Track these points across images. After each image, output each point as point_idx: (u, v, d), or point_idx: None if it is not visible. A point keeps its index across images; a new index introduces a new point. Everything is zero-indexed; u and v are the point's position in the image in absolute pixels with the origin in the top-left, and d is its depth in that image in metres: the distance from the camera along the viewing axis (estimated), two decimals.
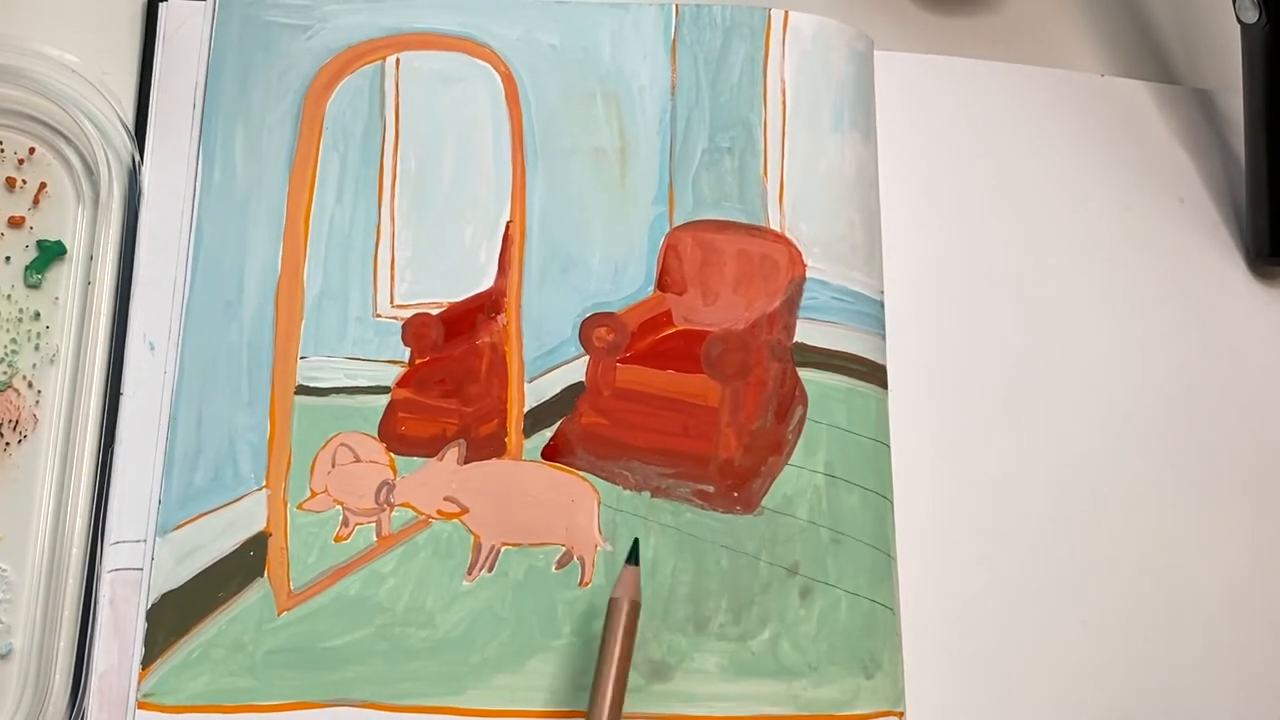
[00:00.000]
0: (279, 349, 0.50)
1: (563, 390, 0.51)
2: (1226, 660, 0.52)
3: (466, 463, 0.50)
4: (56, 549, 0.47)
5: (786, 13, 0.56)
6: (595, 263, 0.52)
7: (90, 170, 0.51)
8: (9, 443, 0.48)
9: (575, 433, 0.51)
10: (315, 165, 0.52)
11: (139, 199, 0.51)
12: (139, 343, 0.50)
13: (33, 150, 0.52)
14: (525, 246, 0.52)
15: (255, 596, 0.47)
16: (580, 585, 0.49)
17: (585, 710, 0.44)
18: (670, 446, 0.51)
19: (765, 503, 0.50)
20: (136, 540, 0.48)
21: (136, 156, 0.51)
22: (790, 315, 0.52)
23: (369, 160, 0.53)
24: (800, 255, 0.53)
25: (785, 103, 0.55)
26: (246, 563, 0.48)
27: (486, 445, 0.50)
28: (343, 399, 0.50)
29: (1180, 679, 0.51)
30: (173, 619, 0.47)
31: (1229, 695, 0.52)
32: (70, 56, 0.52)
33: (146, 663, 0.46)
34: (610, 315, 0.52)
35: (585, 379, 0.51)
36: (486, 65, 0.54)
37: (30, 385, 0.49)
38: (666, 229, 0.53)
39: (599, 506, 0.50)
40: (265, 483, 0.49)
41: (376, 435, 0.50)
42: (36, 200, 0.51)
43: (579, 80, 0.55)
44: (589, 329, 0.52)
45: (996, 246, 0.57)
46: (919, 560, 0.51)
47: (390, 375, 0.51)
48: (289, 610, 0.47)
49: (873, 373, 0.52)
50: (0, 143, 0.52)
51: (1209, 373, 0.56)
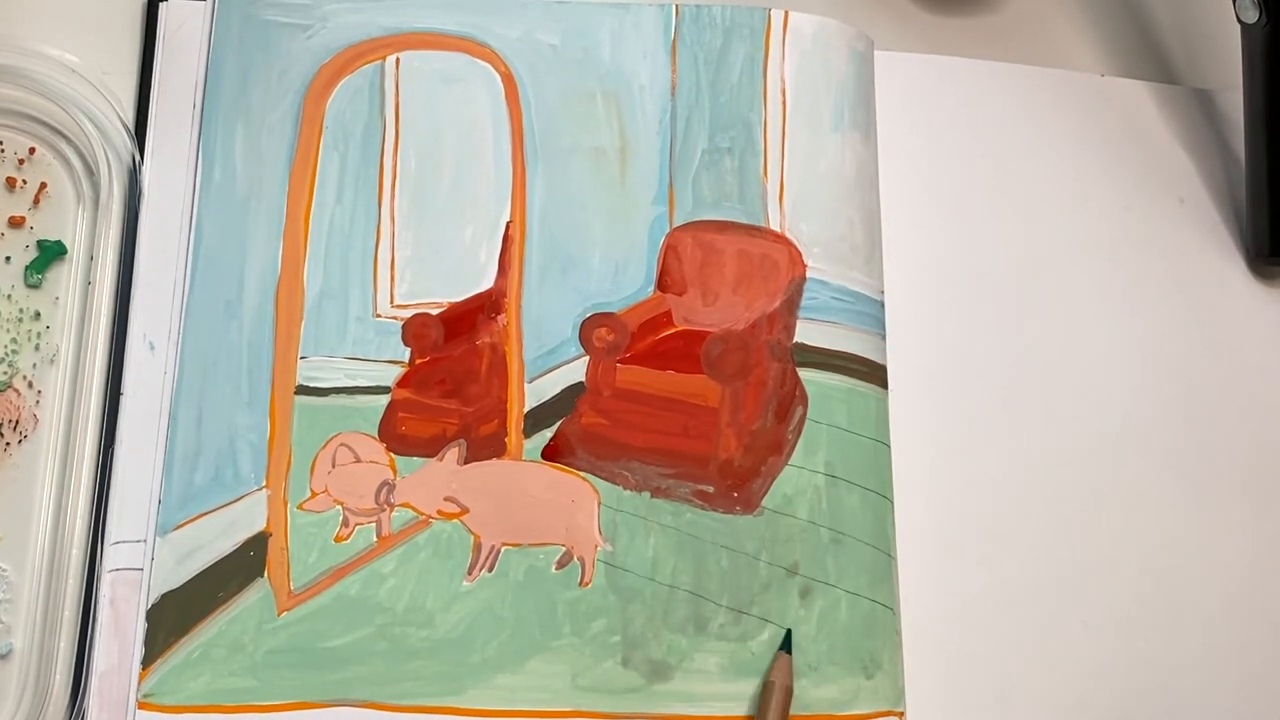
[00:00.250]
0: (279, 349, 0.50)
1: (563, 390, 0.51)
2: (1226, 660, 0.52)
3: (466, 463, 0.50)
4: (56, 549, 0.47)
5: (786, 13, 0.56)
6: (595, 263, 0.52)
7: (90, 170, 0.51)
8: (9, 443, 0.48)
9: (575, 433, 0.51)
10: (315, 165, 0.52)
11: (139, 199, 0.51)
12: (139, 343, 0.50)
13: (33, 150, 0.52)
14: (525, 246, 0.52)
15: (255, 596, 0.47)
16: (580, 585, 0.49)
17: (585, 711, 0.44)
18: (670, 447, 0.51)
19: (765, 503, 0.50)
20: (136, 540, 0.47)
21: (136, 156, 0.51)
22: (790, 315, 0.52)
23: (369, 160, 0.53)
24: (800, 255, 0.53)
25: (785, 103, 0.55)
26: (247, 563, 0.48)
27: (486, 445, 0.50)
28: (343, 399, 0.50)
29: (1180, 679, 0.51)
30: (173, 619, 0.47)
31: (1229, 695, 0.52)
32: (70, 56, 0.52)
33: (147, 663, 0.46)
34: (610, 315, 0.52)
35: (585, 379, 0.51)
36: (487, 65, 0.54)
37: (30, 385, 0.49)
38: (666, 229, 0.53)
39: (599, 507, 0.50)
40: (265, 483, 0.49)
41: (377, 435, 0.50)
42: (36, 200, 0.51)
43: (579, 80, 0.54)
44: (589, 329, 0.52)
45: (996, 246, 0.56)
46: (919, 560, 0.51)
47: (390, 375, 0.50)
48: (289, 610, 0.47)
49: (873, 373, 0.52)
50: (0, 143, 0.52)
51: (1209, 373, 0.56)
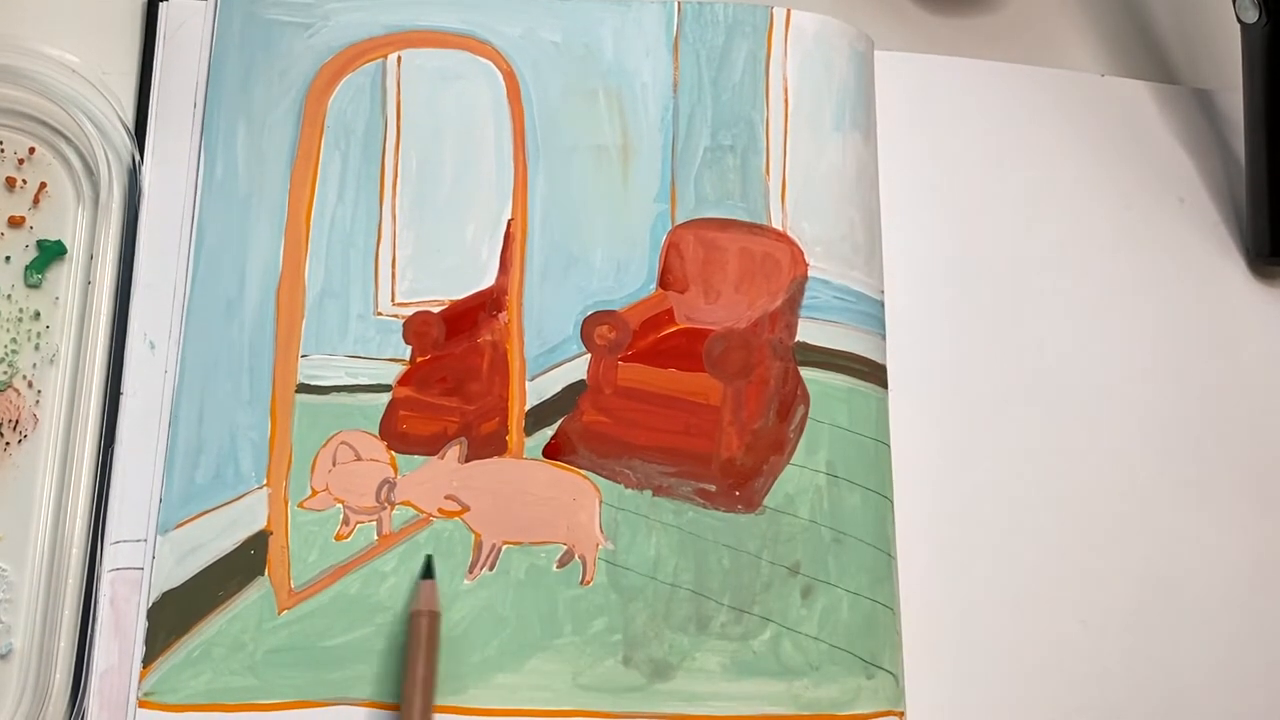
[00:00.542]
0: (280, 347, 0.50)
1: (564, 388, 0.51)
2: (1226, 660, 0.52)
3: (468, 461, 0.50)
4: (56, 549, 0.47)
5: (789, 11, 0.56)
6: (597, 260, 0.52)
7: (90, 170, 0.51)
8: (9, 443, 0.48)
9: (577, 431, 0.50)
10: (317, 163, 0.52)
11: (139, 199, 0.51)
12: (139, 342, 0.50)
13: (33, 150, 0.52)
14: (527, 244, 0.52)
15: (256, 595, 0.47)
16: (581, 584, 0.49)
17: (586, 710, 0.44)
18: (672, 445, 0.50)
19: (767, 502, 0.50)
20: (137, 539, 0.47)
21: (136, 156, 0.51)
22: (792, 314, 0.52)
23: (370, 158, 0.53)
24: (802, 254, 0.53)
25: (787, 101, 0.55)
26: (247, 561, 0.48)
27: (488, 443, 0.50)
28: (344, 397, 0.50)
29: (1180, 679, 0.51)
30: (173, 618, 0.46)
31: (1229, 695, 0.51)
32: (70, 56, 0.52)
33: (147, 662, 0.46)
34: (612, 313, 0.52)
35: (587, 377, 0.51)
36: (488, 63, 0.54)
37: (30, 385, 0.49)
38: (668, 227, 0.53)
39: (600, 505, 0.50)
40: (266, 481, 0.49)
41: (377, 433, 0.50)
42: (36, 200, 0.51)
43: (581, 78, 0.54)
44: (590, 327, 0.52)
45: (996, 246, 0.57)
46: (919, 560, 0.51)
47: (391, 373, 0.50)
48: (290, 609, 0.47)
49: (873, 372, 0.52)
50: (0, 143, 0.51)
51: (1209, 373, 0.56)
